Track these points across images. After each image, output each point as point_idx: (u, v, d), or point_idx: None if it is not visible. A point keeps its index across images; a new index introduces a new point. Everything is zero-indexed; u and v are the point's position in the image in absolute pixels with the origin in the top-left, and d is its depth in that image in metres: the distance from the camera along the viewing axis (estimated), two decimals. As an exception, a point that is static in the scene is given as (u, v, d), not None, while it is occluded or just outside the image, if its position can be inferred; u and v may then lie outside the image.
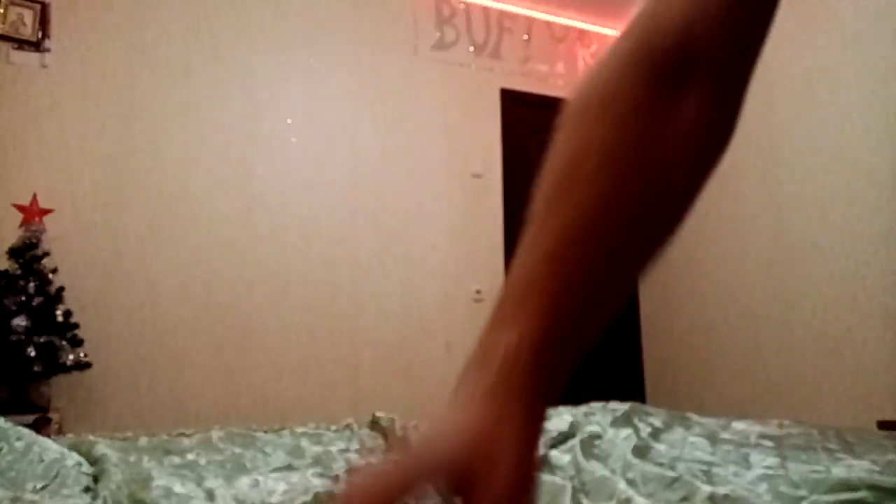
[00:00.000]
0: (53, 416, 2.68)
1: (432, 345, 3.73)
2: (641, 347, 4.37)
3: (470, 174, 4.06)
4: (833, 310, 3.17)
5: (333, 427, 1.59)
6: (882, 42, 3.03)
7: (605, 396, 2.21)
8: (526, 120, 4.31)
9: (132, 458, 1.17)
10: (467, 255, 3.95)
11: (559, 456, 1.21)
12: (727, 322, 3.74)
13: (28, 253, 2.78)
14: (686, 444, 1.35)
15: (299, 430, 1.52)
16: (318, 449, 1.33)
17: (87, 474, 1.09)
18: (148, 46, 3.33)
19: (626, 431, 1.38)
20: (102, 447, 1.18)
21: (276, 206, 3.51)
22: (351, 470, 1.27)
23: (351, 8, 3.85)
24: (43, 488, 1.01)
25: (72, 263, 3.00)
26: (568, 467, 1.15)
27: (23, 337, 2.61)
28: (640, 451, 1.25)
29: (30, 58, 3.08)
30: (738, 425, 1.57)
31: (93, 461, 1.14)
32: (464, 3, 4.22)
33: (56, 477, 1.05)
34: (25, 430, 1.18)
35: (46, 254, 2.84)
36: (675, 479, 0.99)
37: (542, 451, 1.23)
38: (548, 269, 0.41)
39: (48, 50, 3.12)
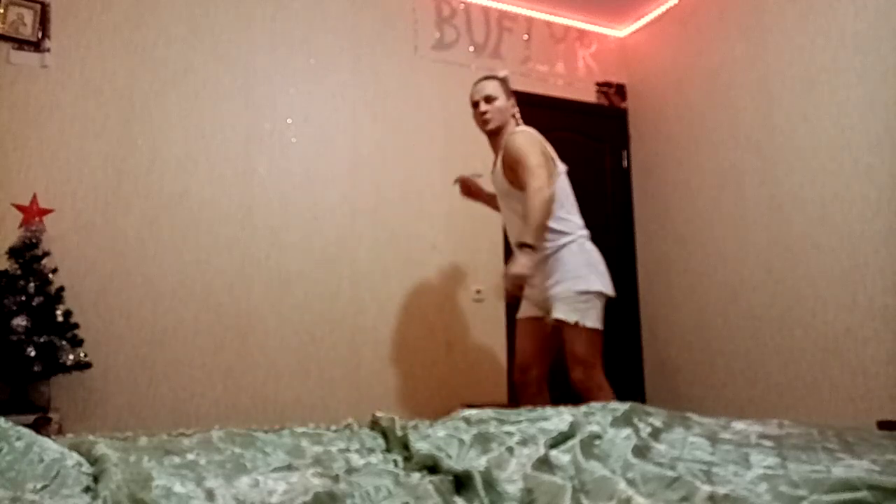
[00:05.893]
0: (53, 416, 2.67)
1: (432, 345, 3.73)
2: (641, 347, 4.37)
3: (470, 174, 4.06)
4: (833, 310, 3.17)
5: (333, 427, 1.59)
6: (882, 42, 3.03)
7: (605, 396, 2.21)
8: (526, 120, 4.30)
9: (132, 458, 1.17)
10: (467, 255, 3.95)
11: (559, 456, 1.21)
12: (727, 322, 3.74)
13: (28, 253, 2.77)
14: (686, 444, 1.35)
15: (299, 430, 1.52)
16: (318, 449, 1.32)
17: (87, 474, 1.08)
18: (148, 46, 3.33)
19: (626, 431, 1.38)
20: (102, 447, 1.18)
21: (276, 206, 3.50)
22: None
23: (351, 8, 3.85)
24: (43, 488, 1.01)
25: (72, 263, 3.00)
26: (568, 467, 1.15)
27: (23, 337, 2.61)
28: (640, 451, 1.25)
29: (30, 58, 3.08)
30: (738, 425, 1.56)
31: (93, 461, 1.14)
32: (464, 3, 4.23)
33: (56, 477, 1.05)
34: (25, 430, 1.18)
35: (46, 254, 2.84)
36: (675, 479, 0.99)
37: (542, 450, 1.23)
38: None
39: (48, 50, 3.12)
